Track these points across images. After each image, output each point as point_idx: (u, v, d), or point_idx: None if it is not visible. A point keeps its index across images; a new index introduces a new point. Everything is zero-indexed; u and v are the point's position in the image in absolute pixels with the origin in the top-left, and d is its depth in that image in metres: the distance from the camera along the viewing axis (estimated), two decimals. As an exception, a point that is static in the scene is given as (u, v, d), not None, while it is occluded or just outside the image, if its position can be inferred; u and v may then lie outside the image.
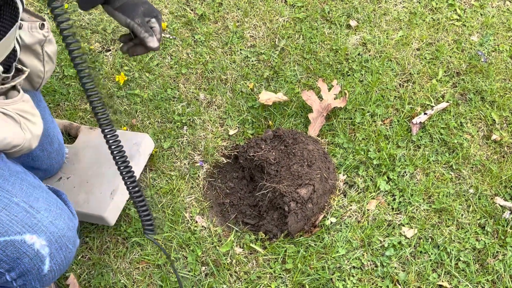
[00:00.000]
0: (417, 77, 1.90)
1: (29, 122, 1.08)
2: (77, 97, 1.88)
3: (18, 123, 1.05)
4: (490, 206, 1.60)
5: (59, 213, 1.08)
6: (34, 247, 1.02)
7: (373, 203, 1.61)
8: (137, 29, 1.21)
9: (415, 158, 1.69)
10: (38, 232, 1.03)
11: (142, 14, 1.22)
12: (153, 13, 1.24)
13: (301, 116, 1.81)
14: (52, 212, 1.06)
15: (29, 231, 1.02)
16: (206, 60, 1.96)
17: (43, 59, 1.22)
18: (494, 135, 1.74)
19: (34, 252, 1.02)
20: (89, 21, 2.10)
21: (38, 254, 1.03)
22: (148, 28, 1.21)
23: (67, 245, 1.08)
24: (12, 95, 1.08)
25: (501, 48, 1.97)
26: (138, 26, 1.20)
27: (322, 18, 2.08)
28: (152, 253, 1.54)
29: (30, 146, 1.08)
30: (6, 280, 1.05)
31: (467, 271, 1.48)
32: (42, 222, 1.03)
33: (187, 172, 1.70)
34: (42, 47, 1.20)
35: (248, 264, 1.52)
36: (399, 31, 2.03)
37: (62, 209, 1.10)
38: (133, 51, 1.25)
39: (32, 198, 1.05)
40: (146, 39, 1.21)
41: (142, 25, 1.21)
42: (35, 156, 1.44)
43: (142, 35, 1.21)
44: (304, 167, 1.59)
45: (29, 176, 1.11)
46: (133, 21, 1.20)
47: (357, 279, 1.48)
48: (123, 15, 1.21)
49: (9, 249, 1.00)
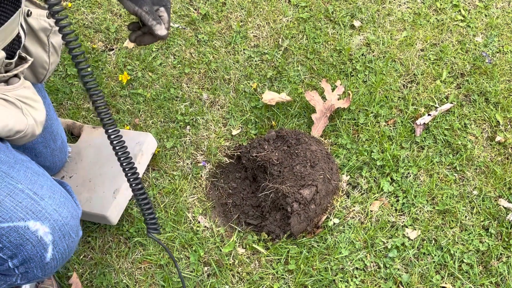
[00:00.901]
0: (421, 78, 1.89)
1: (31, 108, 1.08)
2: (80, 96, 1.88)
3: (19, 108, 1.05)
4: (494, 208, 1.59)
5: (63, 201, 1.07)
6: (38, 234, 1.01)
7: (377, 204, 1.61)
8: (145, 17, 1.20)
9: (418, 159, 1.69)
10: (42, 219, 1.02)
11: (151, 2, 1.22)
12: (162, 2, 1.24)
13: (304, 117, 1.80)
14: (56, 200, 1.06)
15: (33, 218, 1.01)
16: (209, 59, 1.96)
17: (48, 50, 1.22)
18: (498, 137, 1.73)
19: (37, 239, 1.01)
20: (92, 20, 2.10)
21: (41, 241, 1.02)
22: (156, 16, 1.20)
23: (70, 233, 1.07)
24: (13, 81, 1.08)
25: (506, 49, 1.96)
26: (146, 14, 1.19)
27: (326, 18, 2.07)
28: (154, 253, 1.54)
29: (34, 132, 1.08)
30: (9, 267, 1.04)
31: (471, 273, 1.48)
32: (46, 209, 1.03)
33: (190, 172, 1.69)
34: (48, 37, 1.20)
35: (250, 265, 1.52)
36: (403, 31, 2.02)
37: (66, 198, 1.09)
38: (140, 40, 1.25)
39: (36, 186, 1.05)
40: (153, 27, 1.20)
41: (150, 13, 1.20)
42: (38, 152, 1.44)
43: (150, 23, 1.20)
44: (307, 167, 1.59)
45: (34, 165, 1.11)
46: (141, 8, 1.19)
47: (360, 280, 1.48)
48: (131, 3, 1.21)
49: (12, 235, 1.00)
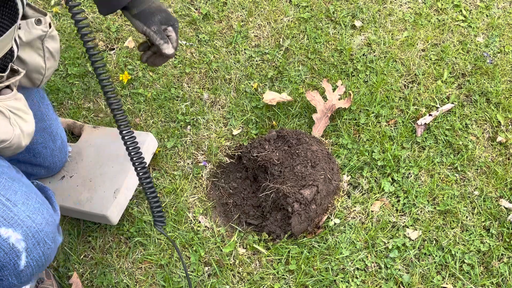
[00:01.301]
0: (422, 78, 1.89)
1: (20, 119, 1.07)
2: (81, 95, 1.88)
3: (7, 118, 1.04)
4: (495, 208, 1.59)
5: (38, 207, 1.06)
6: (9, 241, 1.00)
7: (377, 205, 1.60)
8: (153, 36, 1.24)
9: (419, 160, 1.68)
10: (14, 226, 1.01)
11: (159, 22, 1.25)
12: (170, 21, 1.27)
13: (305, 117, 1.80)
14: (30, 206, 1.05)
15: (4, 225, 1.00)
16: (210, 59, 1.96)
17: (44, 55, 1.22)
18: (499, 137, 1.73)
19: (9, 246, 1.00)
20: (93, 20, 2.09)
21: (14, 248, 1.01)
22: (164, 36, 1.24)
23: (45, 240, 1.06)
24: (5, 92, 1.07)
25: (507, 49, 1.96)
26: (154, 34, 1.23)
27: (327, 18, 2.07)
28: (155, 253, 1.54)
29: (20, 144, 1.07)
30: None
31: (472, 274, 1.48)
32: (18, 215, 1.02)
33: (191, 172, 1.69)
34: (43, 42, 1.20)
35: (251, 265, 1.52)
36: (404, 31, 2.02)
37: (42, 204, 1.08)
38: (152, 62, 1.29)
39: (10, 191, 1.04)
40: (161, 46, 1.23)
41: (158, 32, 1.24)
42: (37, 152, 1.44)
43: (158, 42, 1.23)
44: (307, 167, 1.58)
45: (11, 170, 1.10)
46: (149, 28, 1.23)
47: (361, 280, 1.48)
48: (140, 22, 1.25)
49: None
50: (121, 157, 1.56)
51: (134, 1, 1.23)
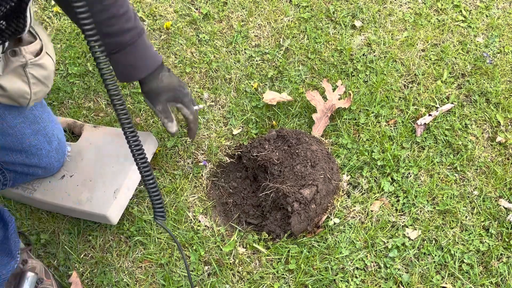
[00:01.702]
0: (422, 78, 1.89)
1: None
2: (81, 95, 1.88)
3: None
4: (494, 208, 1.59)
5: None
6: None
7: (377, 204, 1.61)
8: (158, 115, 1.39)
9: (419, 160, 1.69)
10: None
11: (165, 101, 1.38)
12: (178, 99, 1.40)
13: (305, 116, 1.80)
14: None
15: None
16: (210, 59, 1.96)
17: (28, 81, 1.20)
18: (499, 137, 1.73)
19: None
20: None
21: None
22: (169, 115, 1.38)
23: None
24: None
25: (507, 49, 1.96)
26: (158, 113, 1.39)
27: (327, 18, 2.07)
28: (155, 252, 1.54)
29: None
30: None
31: (471, 274, 1.48)
32: None
33: (191, 171, 1.69)
34: (25, 70, 1.18)
35: (251, 264, 1.52)
36: (404, 32, 2.02)
37: None
38: None
39: None
40: (165, 125, 1.40)
41: (162, 111, 1.37)
42: (32, 154, 1.42)
43: (162, 121, 1.40)
44: (307, 167, 1.59)
45: None
46: (155, 108, 1.38)
47: (360, 280, 1.48)
48: (149, 102, 1.40)
49: None
50: (122, 157, 1.56)
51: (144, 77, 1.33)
